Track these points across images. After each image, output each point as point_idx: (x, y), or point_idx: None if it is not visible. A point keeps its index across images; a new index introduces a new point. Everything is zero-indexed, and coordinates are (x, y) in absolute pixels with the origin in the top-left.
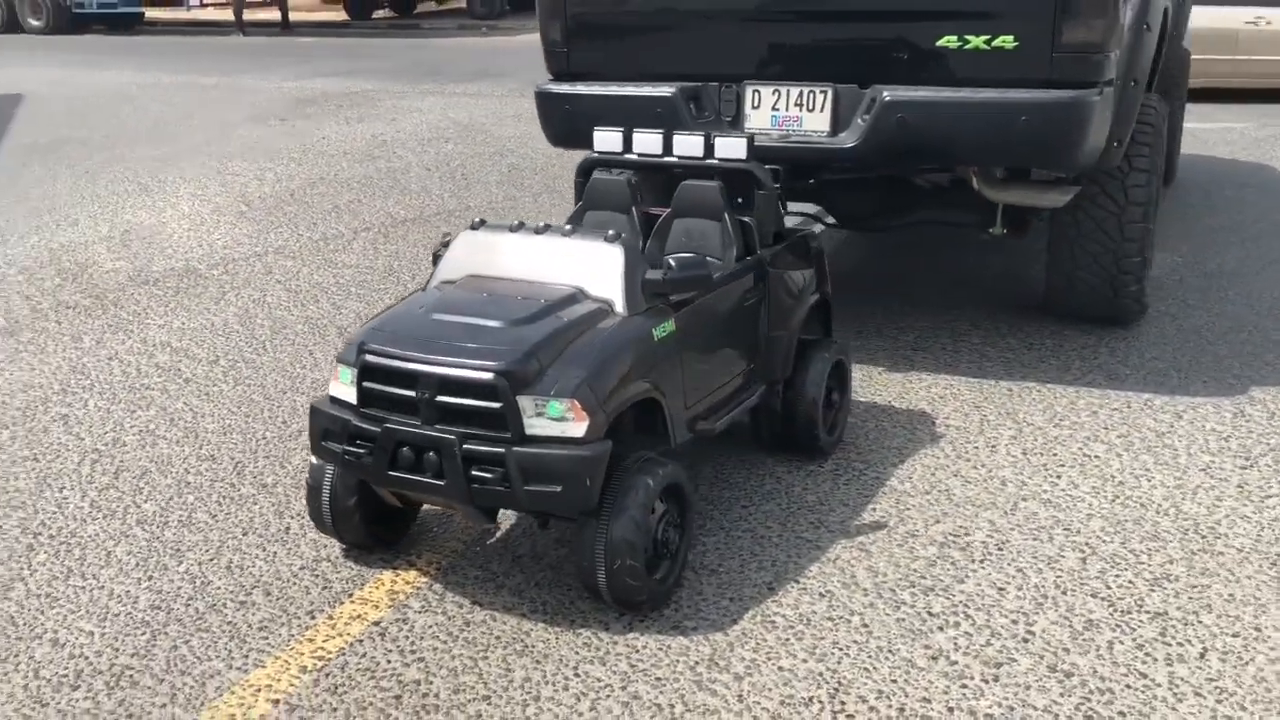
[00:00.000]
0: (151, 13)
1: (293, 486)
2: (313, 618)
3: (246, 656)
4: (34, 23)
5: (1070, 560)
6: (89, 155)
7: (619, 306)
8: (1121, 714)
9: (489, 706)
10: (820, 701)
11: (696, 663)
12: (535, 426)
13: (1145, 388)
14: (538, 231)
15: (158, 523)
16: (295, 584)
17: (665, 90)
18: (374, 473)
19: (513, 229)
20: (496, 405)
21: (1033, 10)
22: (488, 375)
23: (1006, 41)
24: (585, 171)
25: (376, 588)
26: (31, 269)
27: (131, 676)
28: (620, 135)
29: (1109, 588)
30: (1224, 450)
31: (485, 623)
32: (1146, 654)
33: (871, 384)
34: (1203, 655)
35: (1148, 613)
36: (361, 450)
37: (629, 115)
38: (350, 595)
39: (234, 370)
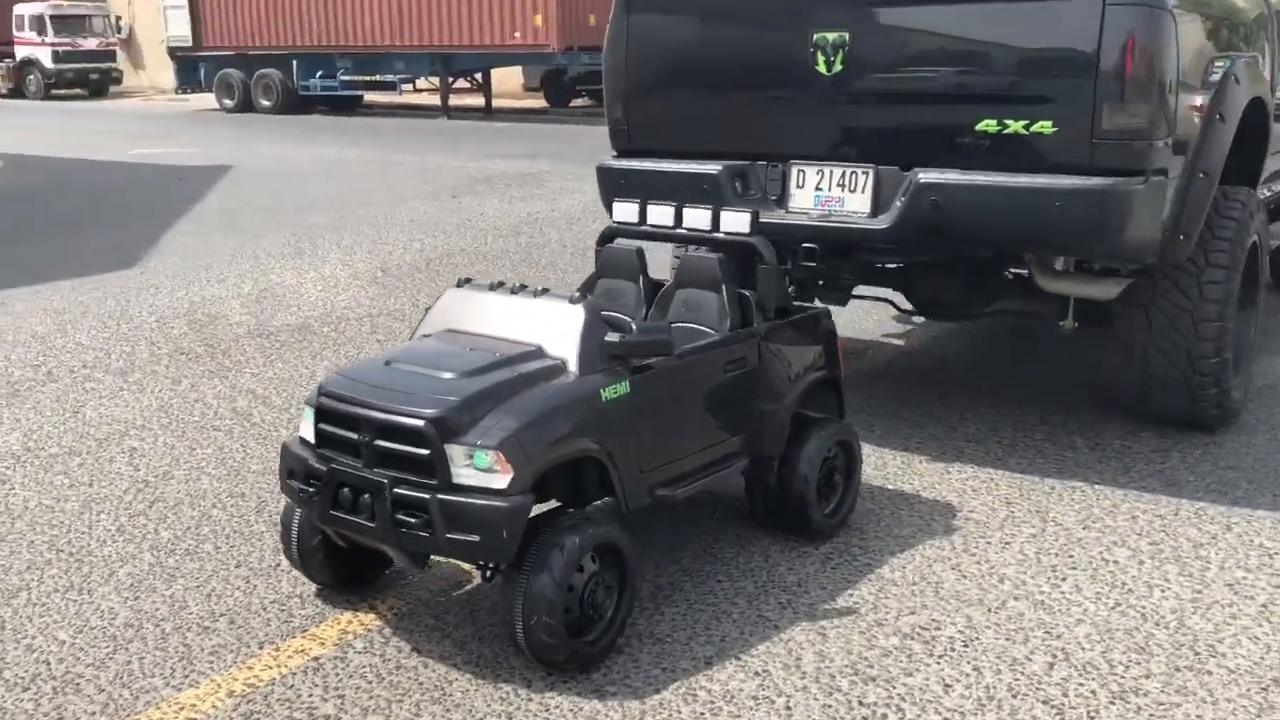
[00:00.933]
0: (369, 96)
1: None
2: (261, 648)
3: (186, 677)
4: (265, 103)
5: (1037, 664)
6: (264, 221)
7: (572, 365)
8: None
9: None
10: None
11: None
12: (463, 476)
13: (1203, 496)
14: (513, 291)
15: (167, 549)
16: (260, 616)
17: (712, 168)
18: (319, 511)
19: (492, 288)
20: (425, 452)
21: (1072, 96)
22: (419, 422)
23: (1045, 127)
24: (605, 241)
25: (331, 626)
26: (166, 319)
27: (78, 685)
28: (637, 207)
29: (1066, 696)
30: (1263, 567)
31: (416, 669)
32: None
33: (907, 472)
34: None
35: None
36: (311, 489)
37: (677, 191)
38: (305, 631)
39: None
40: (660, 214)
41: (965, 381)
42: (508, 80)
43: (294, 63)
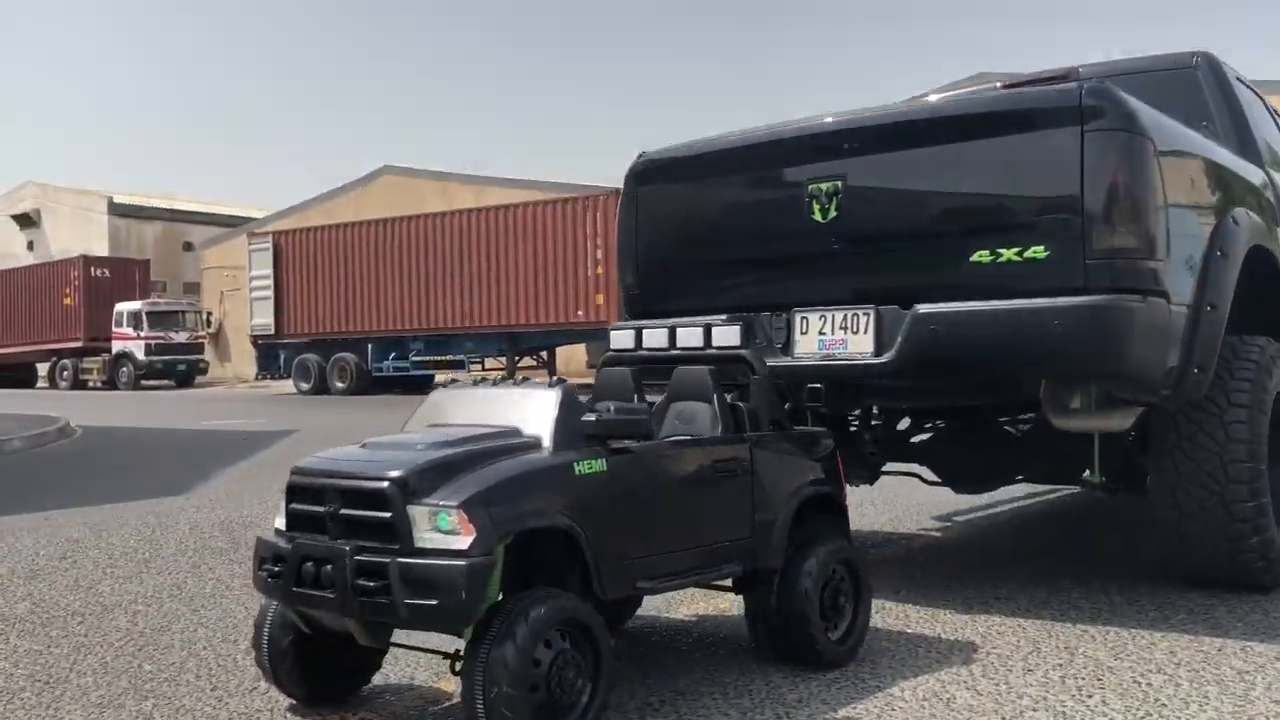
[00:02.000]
0: (441, 376)
1: None
2: None
3: None
4: (339, 385)
5: None
6: None
7: (547, 442)
8: None
9: None
10: None
11: None
12: (425, 539)
13: (1251, 637)
14: (495, 384)
15: (146, 677)
16: None
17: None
18: (282, 591)
19: (476, 384)
20: (387, 515)
21: (1060, 221)
22: (382, 484)
23: (1038, 253)
24: (606, 366)
25: None
26: (201, 526)
27: None
28: (633, 333)
29: None
30: None
31: None
32: None
33: (931, 621)
34: None
35: None
36: (277, 569)
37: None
38: None
39: None
40: (655, 337)
41: (1000, 560)
42: (574, 358)
43: (369, 346)
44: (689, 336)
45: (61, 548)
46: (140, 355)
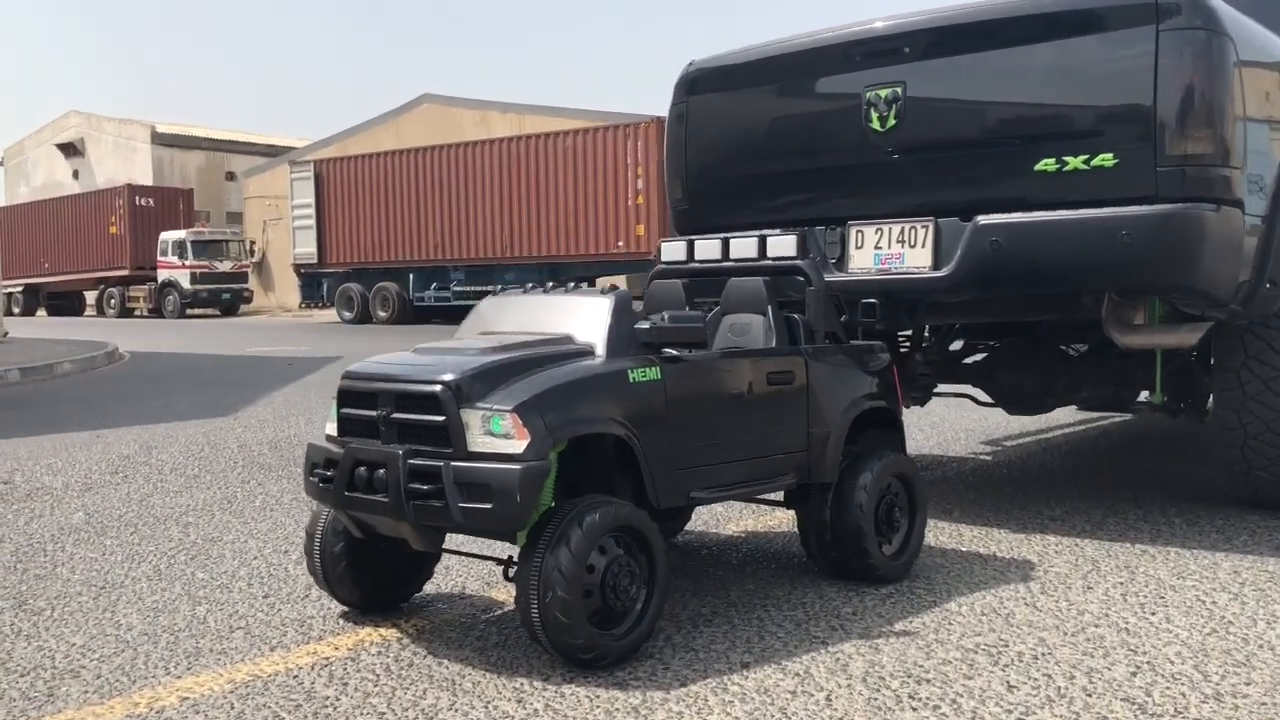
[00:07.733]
0: None
1: None
2: (273, 651)
3: (189, 669)
4: (381, 314)
5: (1118, 672)
6: None
7: (600, 350)
8: None
9: None
10: None
11: (615, 710)
12: (479, 443)
13: None
14: (546, 291)
15: (199, 584)
16: (278, 630)
17: None
18: (334, 496)
19: (526, 291)
20: (441, 419)
21: (1131, 125)
22: (435, 387)
23: (1106, 160)
24: (656, 279)
25: (349, 637)
26: (249, 445)
27: (77, 673)
28: (685, 245)
29: (1150, 697)
30: None
31: (429, 666)
32: None
33: (985, 540)
34: None
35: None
36: (330, 474)
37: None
38: (320, 639)
39: None
40: (708, 249)
41: (1053, 482)
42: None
43: (410, 276)
44: (743, 247)
45: (114, 463)
46: (185, 284)
